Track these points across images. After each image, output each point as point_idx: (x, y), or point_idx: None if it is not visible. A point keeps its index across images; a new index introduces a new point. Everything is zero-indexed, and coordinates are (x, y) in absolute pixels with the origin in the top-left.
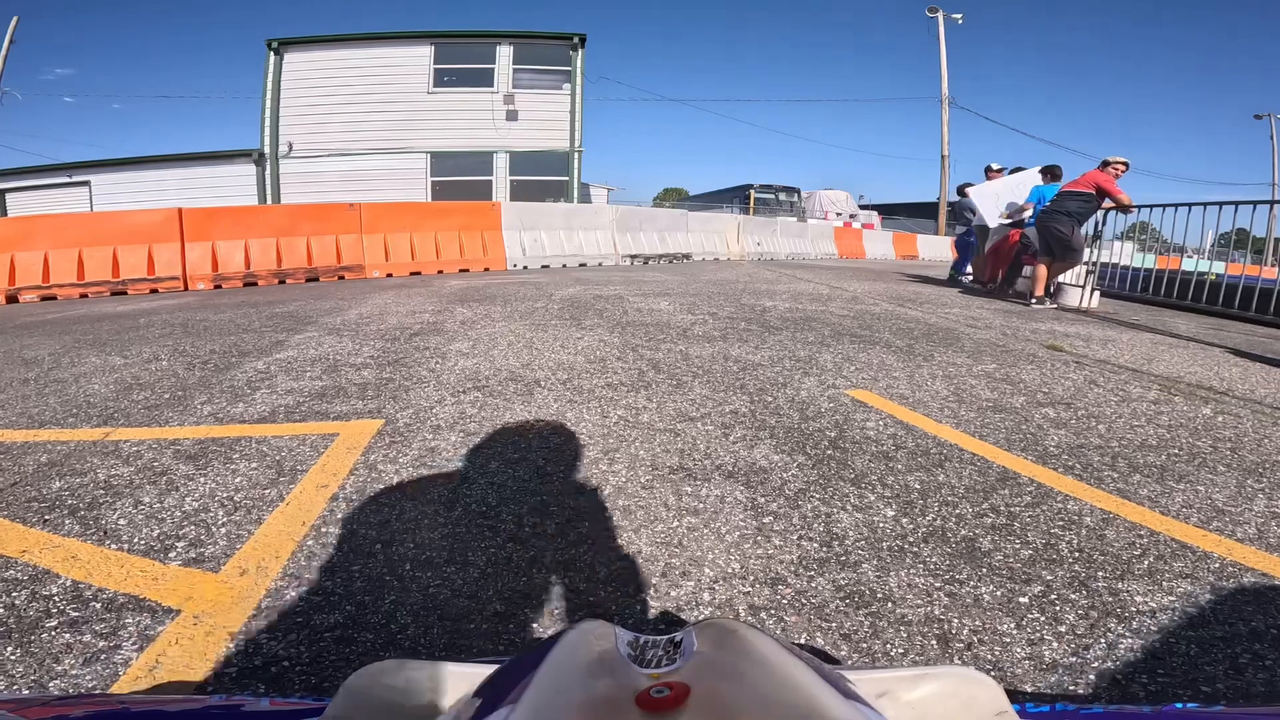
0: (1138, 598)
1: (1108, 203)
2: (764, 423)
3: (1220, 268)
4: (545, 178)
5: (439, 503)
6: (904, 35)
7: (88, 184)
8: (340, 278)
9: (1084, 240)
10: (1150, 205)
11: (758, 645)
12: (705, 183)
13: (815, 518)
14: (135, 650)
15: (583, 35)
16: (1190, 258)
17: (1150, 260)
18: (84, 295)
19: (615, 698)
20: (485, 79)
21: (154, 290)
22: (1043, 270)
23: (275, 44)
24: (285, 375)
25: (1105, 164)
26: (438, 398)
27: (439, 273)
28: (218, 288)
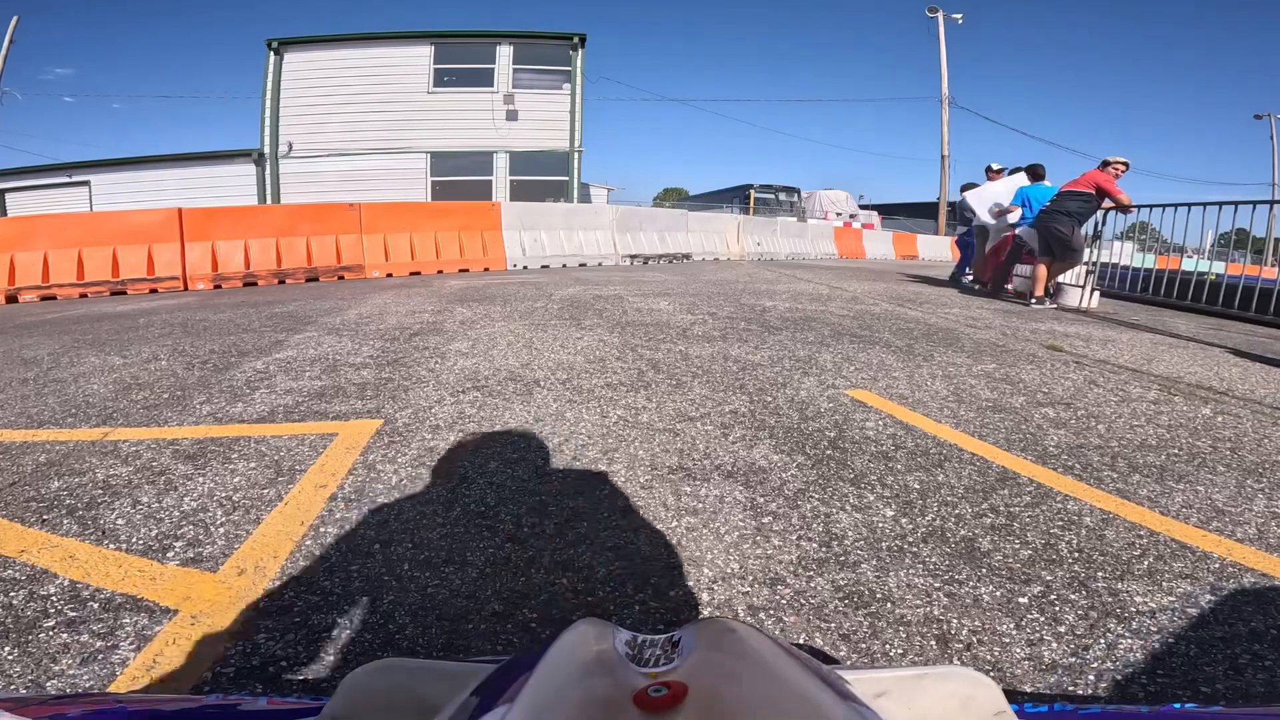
0: (1137, 598)
1: (1108, 203)
2: (763, 423)
3: (1220, 268)
4: (545, 178)
5: (437, 503)
6: (904, 35)
7: (87, 184)
8: (340, 278)
9: (1084, 240)
10: (1150, 205)
11: (755, 645)
12: (705, 183)
13: (814, 518)
14: (133, 650)
15: (583, 35)
16: (1190, 258)
17: (1150, 260)
18: (84, 295)
19: (613, 697)
20: (485, 79)
21: (154, 290)
22: (1043, 270)
23: (275, 44)
24: (284, 375)
25: (1105, 164)
26: (437, 397)
27: (439, 273)
28: (217, 288)
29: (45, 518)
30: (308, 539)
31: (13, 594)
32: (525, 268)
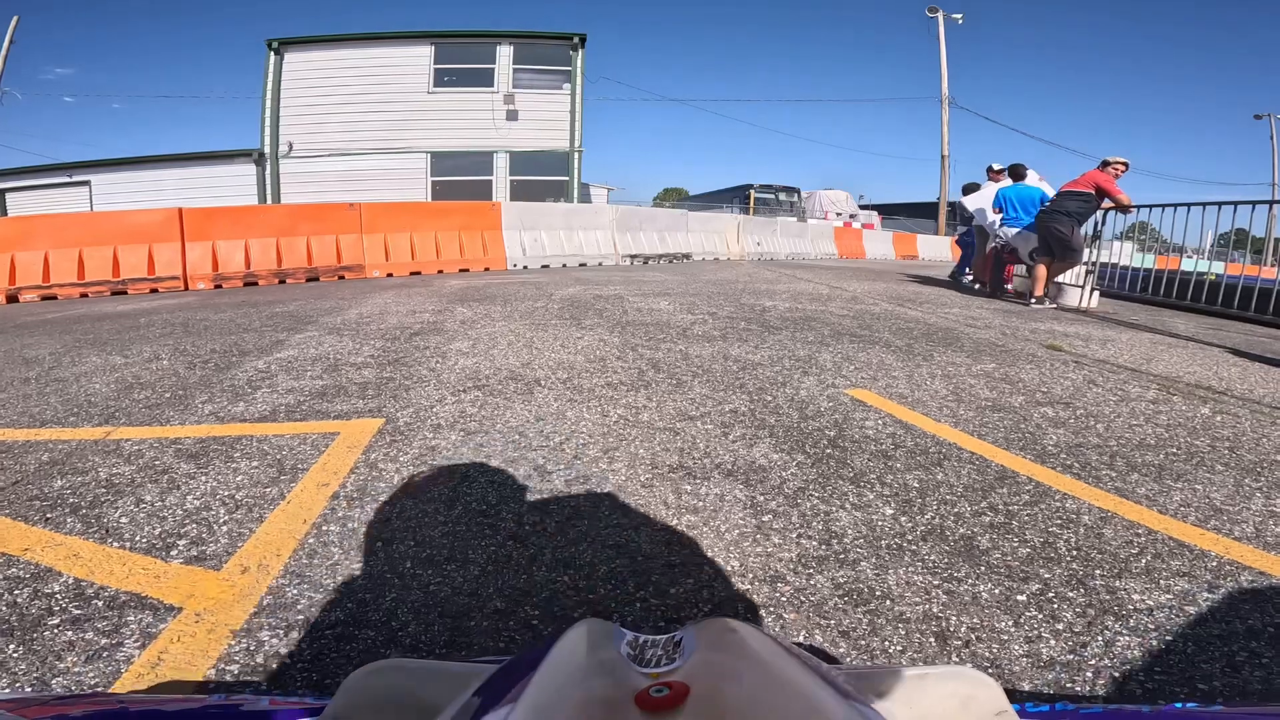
0: (1135, 596)
1: (1107, 202)
2: (763, 422)
3: (1220, 268)
4: (545, 178)
5: (439, 501)
6: (904, 35)
7: (88, 184)
8: (340, 277)
9: (1083, 240)
10: (1150, 205)
11: (757, 645)
12: (705, 183)
13: (814, 516)
14: (137, 647)
15: (583, 35)
16: (1190, 258)
17: (1150, 260)
18: (84, 295)
19: (615, 697)
20: (485, 79)
21: (154, 290)
22: (1042, 270)
23: (275, 44)
24: (286, 374)
25: (1105, 164)
26: (438, 397)
27: (439, 272)
28: (218, 287)
29: (49, 516)
30: (310, 537)
31: (17, 592)
32: (525, 267)
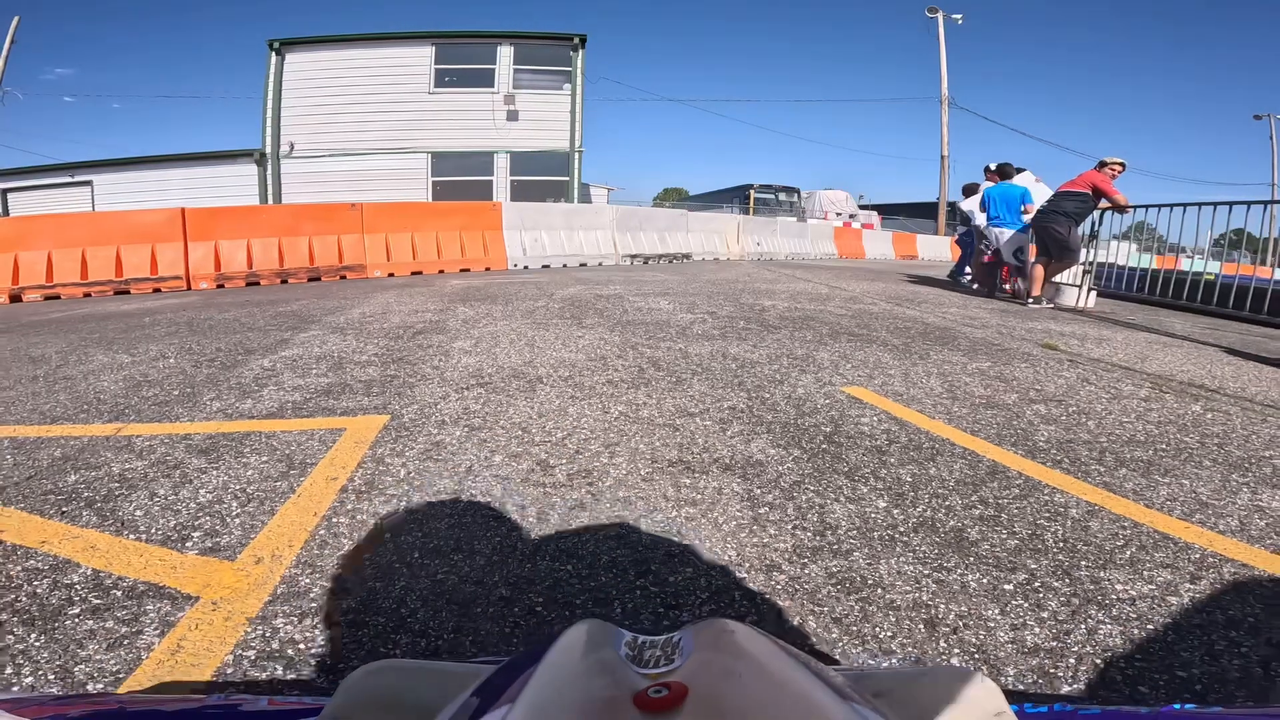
0: (1119, 586)
1: (1105, 203)
2: (761, 418)
3: (1217, 267)
4: (545, 178)
5: (445, 494)
6: (904, 35)
7: (89, 184)
8: (342, 277)
9: (1080, 240)
10: (1148, 205)
11: (756, 645)
12: (705, 183)
13: (809, 508)
14: (157, 635)
15: (583, 36)
16: (1188, 258)
17: (1150, 260)
18: (88, 294)
19: (613, 698)
20: (486, 79)
21: (157, 290)
22: (1040, 270)
23: (277, 44)
24: (291, 372)
25: (1102, 164)
26: (442, 394)
27: (440, 272)
28: (220, 287)
29: (64, 510)
30: (321, 529)
31: (36, 583)
32: (526, 267)
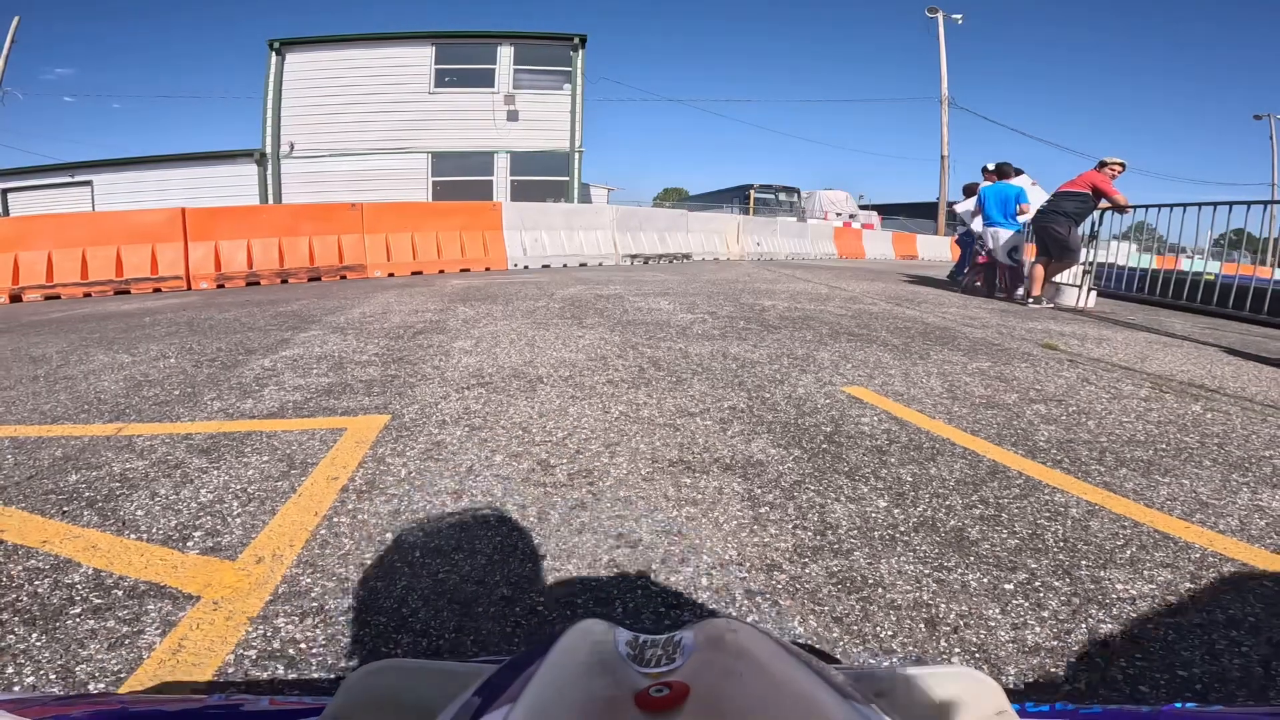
0: (1119, 585)
1: (1105, 203)
2: (761, 418)
3: (1217, 267)
4: (546, 178)
5: (446, 493)
6: (904, 35)
7: (89, 184)
8: (342, 277)
9: (1080, 240)
10: (1148, 205)
11: (757, 645)
12: (705, 183)
13: (810, 508)
14: (158, 635)
15: (583, 36)
16: (1188, 258)
17: (1149, 260)
18: (88, 294)
19: (614, 697)
20: (486, 79)
21: (157, 289)
22: (1040, 270)
23: (277, 44)
24: (292, 372)
25: (1102, 164)
26: (442, 394)
27: (440, 272)
28: (220, 287)
29: (65, 509)
30: (322, 528)
31: (37, 583)
32: (526, 267)
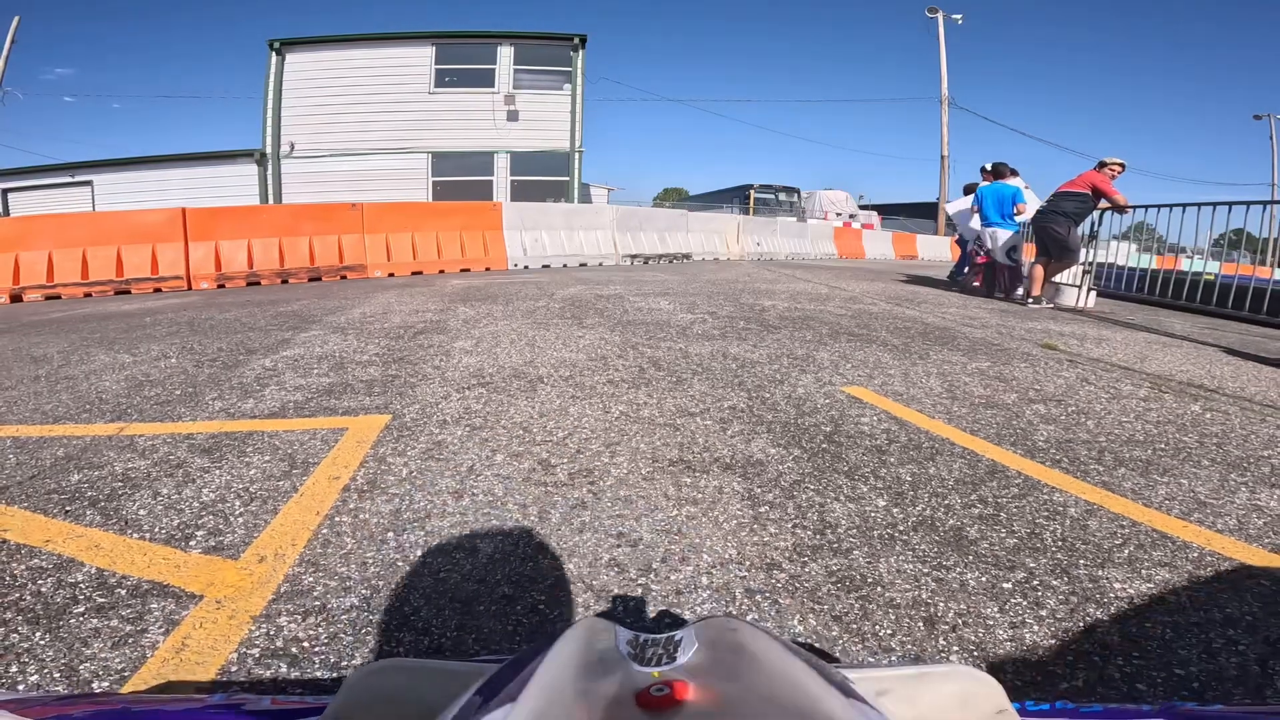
0: (1117, 584)
1: (1105, 203)
2: (761, 418)
3: (1216, 267)
4: (546, 178)
5: (447, 493)
6: (904, 35)
7: (90, 184)
8: (343, 277)
9: (1080, 240)
10: (1148, 205)
11: (758, 644)
12: (705, 183)
13: (809, 507)
14: (162, 634)
15: (583, 36)
16: (1188, 258)
17: (1149, 260)
18: (88, 294)
19: (615, 696)
20: (486, 79)
21: (158, 289)
22: (1039, 270)
23: (277, 44)
24: (293, 372)
25: (1101, 165)
26: (443, 394)
27: (440, 272)
28: (221, 287)
29: (68, 509)
30: (324, 528)
31: (41, 582)
32: (526, 267)
